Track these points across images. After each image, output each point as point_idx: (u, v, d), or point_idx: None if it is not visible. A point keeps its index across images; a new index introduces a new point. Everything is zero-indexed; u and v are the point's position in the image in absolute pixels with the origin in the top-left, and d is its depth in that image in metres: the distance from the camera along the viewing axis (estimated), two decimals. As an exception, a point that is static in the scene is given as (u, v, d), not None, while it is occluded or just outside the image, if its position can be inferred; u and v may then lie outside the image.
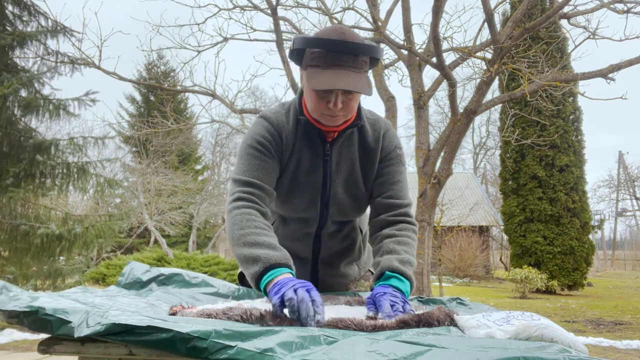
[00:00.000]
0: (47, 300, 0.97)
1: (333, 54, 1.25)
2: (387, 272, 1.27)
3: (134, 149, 18.77)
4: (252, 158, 1.36)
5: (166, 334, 0.82)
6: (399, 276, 1.26)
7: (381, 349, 0.81)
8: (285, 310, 1.04)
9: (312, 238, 1.52)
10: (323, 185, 1.43)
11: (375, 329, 1.01)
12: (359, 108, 1.42)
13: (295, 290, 1.04)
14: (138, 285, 1.44)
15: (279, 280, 1.12)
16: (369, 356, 0.79)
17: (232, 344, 0.82)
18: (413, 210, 1.48)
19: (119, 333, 0.84)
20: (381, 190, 1.44)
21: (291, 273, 1.18)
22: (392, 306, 1.14)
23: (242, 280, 1.61)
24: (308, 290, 1.05)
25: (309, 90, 1.31)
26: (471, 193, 21.63)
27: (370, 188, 1.46)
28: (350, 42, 1.25)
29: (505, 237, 16.38)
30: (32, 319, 0.89)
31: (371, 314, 1.15)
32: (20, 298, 0.96)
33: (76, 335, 0.85)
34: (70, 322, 0.87)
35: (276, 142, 1.39)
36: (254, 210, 1.29)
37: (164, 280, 1.46)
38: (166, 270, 1.49)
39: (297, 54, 1.33)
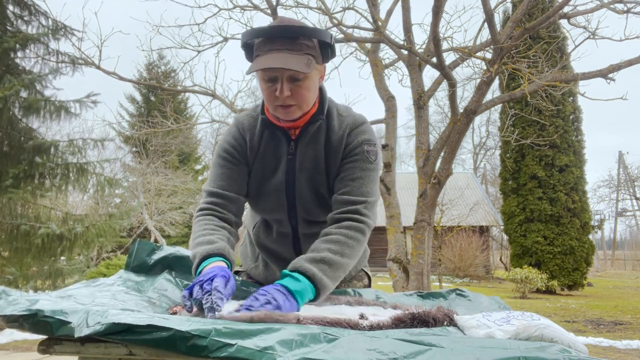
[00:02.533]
0: (46, 303, 0.97)
1: (270, 40, 1.25)
2: (283, 271, 1.21)
3: (134, 149, 18.78)
4: (218, 167, 1.41)
5: (166, 332, 0.82)
6: (295, 275, 1.17)
7: (381, 347, 0.81)
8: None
9: (290, 239, 1.48)
10: (287, 184, 1.40)
11: (372, 328, 1.01)
12: (322, 102, 1.39)
13: (201, 285, 1.06)
14: (145, 268, 1.45)
15: (203, 271, 1.16)
16: (369, 354, 0.79)
17: (232, 342, 0.82)
18: (373, 208, 1.36)
19: (118, 332, 0.84)
20: (339, 186, 1.36)
21: (223, 261, 1.20)
22: (255, 299, 1.07)
23: None
24: (212, 280, 1.07)
25: (259, 83, 1.30)
26: (471, 193, 21.64)
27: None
28: (284, 26, 1.26)
29: (505, 237, 16.39)
30: (31, 321, 0.89)
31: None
32: (19, 302, 0.96)
33: (76, 335, 0.85)
34: (70, 322, 0.87)
35: (241, 147, 1.41)
36: (209, 216, 1.35)
37: (169, 263, 1.47)
38: (171, 252, 1.49)
39: (248, 53, 1.33)
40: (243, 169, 1.42)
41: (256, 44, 1.28)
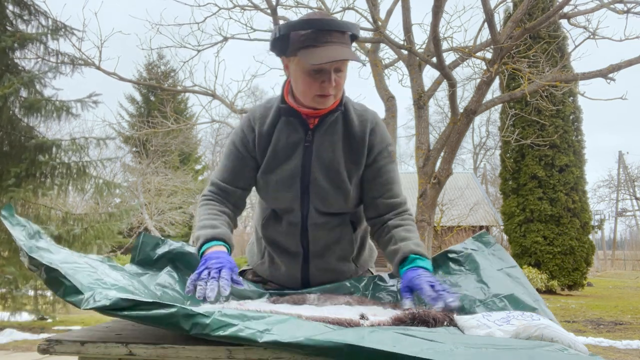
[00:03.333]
0: (70, 266, 1.02)
1: (324, 32, 1.31)
2: (411, 255, 1.32)
3: (134, 149, 18.79)
4: (225, 159, 1.52)
5: (171, 309, 0.84)
6: (421, 257, 1.32)
7: (387, 339, 0.83)
8: (200, 285, 1.14)
9: (299, 229, 1.49)
10: (303, 170, 1.44)
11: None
12: (343, 94, 1.45)
13: (208, 270, 1.17)
14: (150, 262, 1.46)
15: (206, 254, 1.27)
16: (377, 339, 0.80)
17: (235, 322, 0.84)
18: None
19: (124, 308, 0.85)
20: (382, 190, 1.48)
21: (223, 245, 1.32)
22: (432, 286, 1.19)
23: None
24: (219, 270, 1.17)
25: (300, 74, 1.35)
26: (471, 193, 21.63)
27: (352, 179, 1.45)
28: (337, 21, 1.35)
29: (505, 237, 16.38)
30: (51, 275, 0.93)
31: (408, 302, 1.20)
32: (50, 251, 1.04)
33: (82, 307, 0.88)
34: (82, 293, 0.90)
35: (249, 139, 1.48)
36: (212, 201, 1.48)
37: (173, 258, 1.48)
38: (175, 247, 1.50)
39: (281, 43, 1.37)
40: (249, 162, 1.49)
41: (303, 35, 1.32)
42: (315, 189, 1.44)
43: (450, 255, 1.44)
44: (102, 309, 0.86)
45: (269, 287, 1.56)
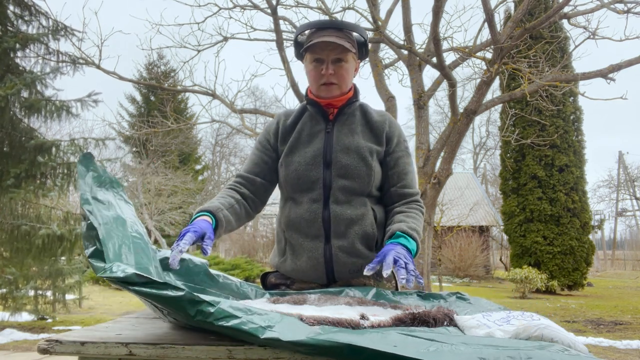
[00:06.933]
0: (107, 229, 1.07)
1: (322, 29, 1.54)
2: (397, 232, 1.44)
3: (134, 149, 18.78)
4: (251, 153, 1.70)
5: (179, 292, 0.86)
6: (406, 236, 1.42)
7: (394, 340, 0.83)
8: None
9: (321, 207, 1.52)
10: (324, 151, 1.57)
11: (373, 328, 1.01)
12: (356, 92, 1.64)
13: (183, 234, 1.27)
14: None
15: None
16: (383, 341, 0.80)
17: (239, 314, 0.85)
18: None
19: (135, 284, 0.88)
20: (396, 180, 1.61)
21: (207, 215, 1.41)
22: (395, 261, 1.26)
23: (263, 281, 1.68)
24: (183, 235, 1.25)
25: (307, 66, 1.58)
26: (471, 193, 21.62)
27: (373, 154, 1.56)
28: (334, 20, 1.57)
29: (505, 237, 16.37)
30: (89, 233, 1.04)
31: (372, 266, 1.27)
32: (106, 205, 1.17)
33: (98, 274, 0.93)
34: (104, 261, 0.96)
35: (273, 131, 1.66)
36: (227, 189, 1.62)
37: (164, 267, 1.44)
38: (166, 255, 1.46)
39: (296, 49, 1.61)
40: (270, 154, 1.65)
41: (308, 35, 1.56)
42: (337, 165, 1.54)
43: (459, 296, 1.46)
44: (115, 280, 0.89)
45: (293, 289, 1.55)
